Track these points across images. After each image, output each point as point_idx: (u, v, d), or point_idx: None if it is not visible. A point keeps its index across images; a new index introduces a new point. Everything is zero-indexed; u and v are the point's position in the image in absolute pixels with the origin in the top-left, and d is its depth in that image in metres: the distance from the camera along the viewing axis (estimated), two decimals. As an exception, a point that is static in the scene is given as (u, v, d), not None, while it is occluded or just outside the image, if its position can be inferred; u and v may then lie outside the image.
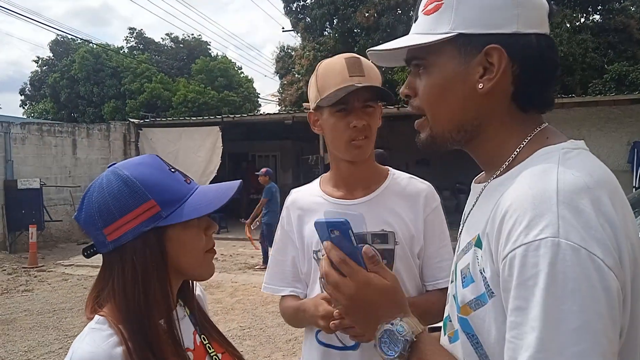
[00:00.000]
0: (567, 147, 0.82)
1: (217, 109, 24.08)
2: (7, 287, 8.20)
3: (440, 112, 0.91)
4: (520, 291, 0.69)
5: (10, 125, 12.08)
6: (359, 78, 1.40)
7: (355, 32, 19.76)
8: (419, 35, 0.90)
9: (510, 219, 0.74)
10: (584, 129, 11.10)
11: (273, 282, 1.60)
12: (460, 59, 0.87)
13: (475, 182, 0.98)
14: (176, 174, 1.06)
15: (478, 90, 0.86)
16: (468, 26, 0.85)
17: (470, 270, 0.84)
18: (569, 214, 0.70)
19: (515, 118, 0.89)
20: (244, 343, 5.32)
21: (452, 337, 0.91)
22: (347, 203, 1.50)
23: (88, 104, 27.18)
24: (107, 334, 0.95)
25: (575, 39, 16.34)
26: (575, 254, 0.67)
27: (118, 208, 0.98)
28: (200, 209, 1.01)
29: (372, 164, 1.55)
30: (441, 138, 0.92)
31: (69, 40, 28.85)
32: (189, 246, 1.03)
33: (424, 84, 0.91)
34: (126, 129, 15.47)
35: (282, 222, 1.61)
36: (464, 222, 0.96)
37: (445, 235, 1.54)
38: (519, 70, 0.85)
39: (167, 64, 29.98)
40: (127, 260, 0.98)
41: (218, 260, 10.12)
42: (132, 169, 1.02)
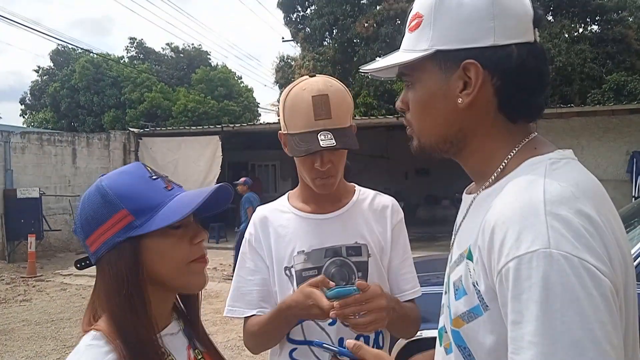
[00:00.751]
0: (554, 158, 0.83)
1: (217, 119, 24.11)
2: (5, 297, 8.17)
3: (424, 125, 0.93)
4: (515, 305, 0.69)
5: (10, 134, 12.09)
6: (324, 122, 1.36)
7: (355, 42, 19.84)
8: (403, 52, 0.92)
9: (499, 232, 0.74)
10: (583, 139, 11.12)
11: (238, 304, 1.51)
12: (441, 75, 0.88)
13: (466, 192, 0.99)
14: (157, 181, 1.01)
15: (458, 104, 0.86)
16: (445, 42, 0.86)
17: (462, 282, 0.84)
18: (557, 224, 0.70)
19: (502, 129, 0.89)
20: (242, 354, 5.30)
21: (447, 349, 0.91)
22: (319, 217, 1.50)
23: (88, 113, 27.21)
24: (105, 351, 0.91)
25: (574, 49, 16.43)
26: (568, 264, 0.67)
27: (94, 219, 0.96)
28: (171, 216, 0.96)
29: (341, 181, 1.54)
30: (429, 148, 0.94)
31: (70, 50, 28.92)
32: (167, 255, 0.98)
33: (411, 99, 0.93)
34: (126, 138, 15.49)
35: (249, 239, 1.54)
36: (455, 233, 0.96)
37: (407, 248, 1.56)
38: (499, 82, 0.85)
39: (167, 73, 30.05)
40: (105, 271, 0.96)
41: (217, 270, 10.10)
42: (111, 179, 0.99)
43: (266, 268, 1.51)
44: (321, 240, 1.46)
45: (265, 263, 1.51)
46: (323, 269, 1.44)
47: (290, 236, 1.49)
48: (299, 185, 1.57)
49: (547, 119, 11.37)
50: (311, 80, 1.44)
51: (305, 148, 1.35)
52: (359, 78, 18.59)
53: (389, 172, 18.72)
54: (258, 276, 1.51)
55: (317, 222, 1.49)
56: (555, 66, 15.69)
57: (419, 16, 0.90)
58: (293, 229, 1.50)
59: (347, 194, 1.56)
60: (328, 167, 1.41)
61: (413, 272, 1.54)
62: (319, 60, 19.31)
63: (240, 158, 18.65)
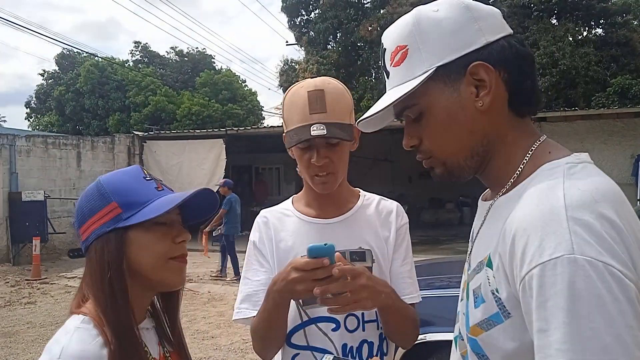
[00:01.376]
0: (571, 162, 0.82)
1: (221, 122, 24.15)
2: (10, 300, 8.19)
3: (450, 145, 0.91)
4: (541, 313, 0.68)
5: (15, 137, 12.14)
6: (319, 115, 1.36)
7: (359, 45, 19.87)
8: (398, 87, 0.91)
9: (521, 239, 0.74)
10: (588, 142, 11.09)
11: (244, 305, 1.48)
12: (449, 89, 0.88)
13: (482, 199, 0.98)
14: (150, 182, 1.09)
15: (479, 109, 0.86)
16: (442, 57, 0.87)
17: (482, 290, 0.83)
18: (580, 229, 0.69)
19: (515, 127, 0.89)
20: (246, 356, 5.29)
21: (464, 356, 0.90)
22: (323, 222, 1.49)
23: (93, 116, 27.31)
24: (94, 334, 0.97)
25: (578, 53, 16.40)
26: (593, 269, 0.66)
27: (88, 210, 1.05)
28: (154, 210, 1.03)
29: (344, 185, 1.53)
30: (458, 170, 0.93)
31: (75, 54, 29.05)
32: (149, 249, 1.05)
33: (426, 127, 0.91)
34: (130, 141, 15.53)
35: (253, 242, 1.55)
36: (472, 241, 0.96)
37: (409, 253, 1.54)
38: (506, 74, 0.86)
39: (171, 77, 30.14)
40: (92, 259, 1.04)
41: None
42: (109, 176, 1.09)
43: (271, 271, 1.50)
44: None
45: (270, 265, 1.51)
46: None
47: (294, 240, 1.48)
48: (303, 189, 1.57)
49: (551, 122, 11.35)
50: (310, 79, 1.47)
51: (296, 139, 1.37)
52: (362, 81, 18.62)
53: (392, 176, 18.71)
54: (264, 277, 1.49)
55: (320, 227, 1.48)
56: (560, 69, 15.67)
57: (402, 47, 0.90)
58: (296, 233, 1.49)
59: (352, 199, 1.55)
60: (324, 161, 1.39)
61: (413, 277, 1.51)
62: (322, 64, 19.33)
63: (244, 161, 18.67)
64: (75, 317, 1.01)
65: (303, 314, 1.40)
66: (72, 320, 1.01)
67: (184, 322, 6.69)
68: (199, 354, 5.44)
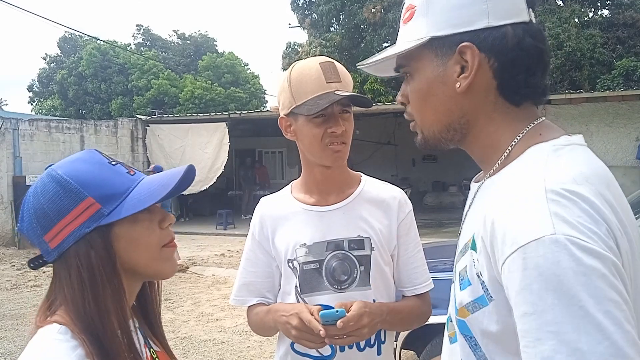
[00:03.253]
0: (558, 144, 0.81)
1: (224, 106, 24.11)
2: (16, 283, 8.27)
3: (426, 115, 0.92)
4: (526, 296, 0.67)
5: (18, 121, 12.16)
6: (336, 84, 1.37)
7: (362, 28, 19.70)
8: (399, 44, 0.92)
9: (501, 222, 0.73)
10: (592, 125, 11.03)
11: (242, 294, 1.54)
12: (437, 62, 0.88)
13: (474, 181, 0.98)
14: (117, 167, 0.97)
15: (456, 89, 0.86)
16: (439, 29, 0.86)
17: (467, 272, 0.83)
18: (560, 210, 0.69)
19: (505, 114, 0.88)
20: (250, 339, 5.35)
21: (452, 338, 0.91)
22: (321, 209, 1.48)
23: (96, 100, 27.29)
24: (73, 345, 0.86)
25: (584, 34, 16.22)
26: (576, 248, 0.65)
27: (55, 211, 0.90)
28: (144, 200, 0.93)
29: (345, 169, 1.52)
30: (433, 139, 0.94)
31: (77, 37, 28.95)
32: (141, 242, 0.95)
33: (410, 90, 0.93)
34: (133, 125, 15.53)
35: (253, 231, 1.55)
36: (462, 223, 0.96)
37: (418, 241, 1.54)
38: (497, 63, 0.84)
39: (174, 60, 30.02)
40: (72, 265, 0.90)
41: (225, 257, 10.16)
42: (66, 167, 0.94)
43: (270, 260, 1.52)
44: (323, 233, 1.44)
45: (269, 255, 1.52)
46: (324, 262, 1.43)
47: (293, 228, 1.48)
48: (302, 175, 1.55)
49: (556, 104, 11.28)
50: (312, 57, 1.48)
51: (325, 101, 1.35)
52: (366, 64, 18.46)
53: (396, 159, 18.69)
54: (260, 268, 1.53)
55: (319, 215, 1.47)
56: (565, 51, 15.52)
57: (411, 7, 0.90)
58: (295, 221, 1.48)
59: (352, 184, 1.53)
60: (342, 130, 1.39)
61: (424, 265, 1.52)
62: (325, 47, 19.19)
63: (247, 145, 18.67)
64: (47, 328, 0.89)
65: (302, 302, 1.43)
66: (45, 331, 0.89)
67: (188, 305, 6.76)
68: (203, 336, 5.50)
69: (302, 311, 1.29)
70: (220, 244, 11.64)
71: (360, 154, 3.14)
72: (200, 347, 5.19)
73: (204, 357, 4.90)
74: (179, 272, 8.67)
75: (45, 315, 0.93)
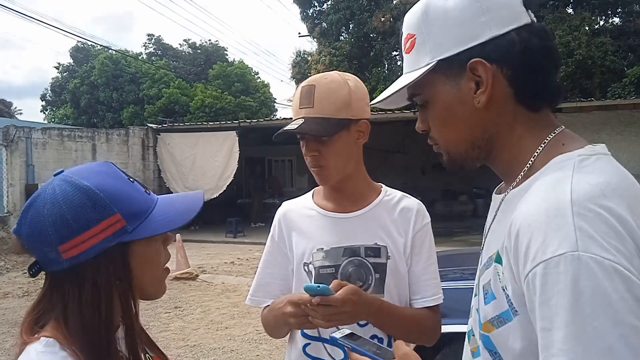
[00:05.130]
0: (583, 154, 0.79)
1: (234, 114, 24.22)
2: (28, 290, 8.32)
3: (449, 137, 0.92)
4: (544, 311, 0.67)
5: (31, 130, 12.30)
6: (305, 110, 1.41)
7: (372, 36, 19.76)
8: (407, 74, 0.92)
9: (525, 234, 0.72)
10: (604, 133, 10.95)
11: (258, 294, 1.57)
12: (450, 83, 0.87)
13: (496, 193, 0.96)
14: (135, 184, 0.97)
15: (477, 106, 0.85)
16: (444, 50, 0.86)
17: (492, 286, 0.82)
18: (585, 225, 0.66)
19: (525, 122, 0.87)
20: (260, 347, 5.33)
21: (474, 352, 0.90)
22: (340, 216, 1.50)
23: (107, 109, 27.54)
24: (62, 356, 0.85)
25: (595, 42, 16.15)
26: (598, 267, 0.64)
27: (79, 223, 0.87)
28: (171, 222, 0.95)
29: (362, 180, 1.54)
30: (459, 159, 0.93)
31: (89, 47, 29.27)
32: (152, 262, 0.97)
33: (430, 116, 0.93)
34: (144, 134, 15.65)
35: (272, 233, 1.58)
36: (485, 236, 0.94)
37: (432, 253, 1.53)
38: (510, 71, 0.84)
39: (184, 69, 30.24)
40: (87, 279, 0.89)
41: (234, 264, 10.17)
42: (92, 178, 0.91)
43: (287, 262, 1.54)
44: (340, 239, 1.46)
45: (286, 257, 1.54)
46: (340, 267, 1.44)
47: (311, 233, 1.50)
48: None
49: (567, 113, 11.22)
50: (319, 74, 1.51)
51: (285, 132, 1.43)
52: (375, 73, 18.53)
53: (405, 167, 18.64)
54: (277, 270, 1.56)
55: (337, 221, 1.49)
56: (575, 59, 15.46)
57: (411, 36, 0.90)
58: (314, 226, 1.51)
59: (372, 194, 1.54)
60: (313, 154, 1.43)
61: (437, 278, 1.51)
62: (335, 55, 19.27)
63: (257, 153, 18.73)
64: (34, 344, 0.87)
65: None
66: (33, 346, 0.87)
67: (198, 313, 6.75)
68: (213, 344, 5.49)
69: (291, 296, 1.34)
70: (229, 252, 11.65)
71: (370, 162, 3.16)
72: (210, 355, 5.18)
73: (214, 366, 4.90)
74: (189, 280, 8.69)
75: (32, 330, 0.90)
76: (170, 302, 7.12)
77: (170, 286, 8.42)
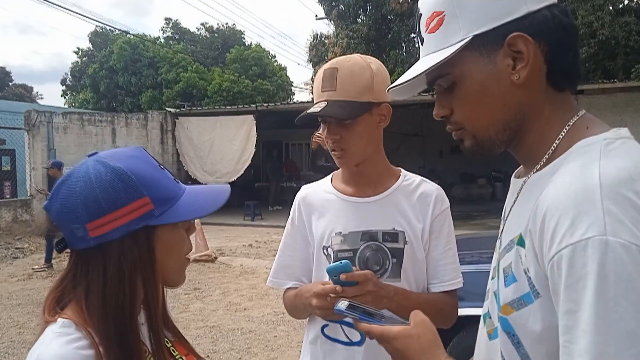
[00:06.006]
0: (609, 138, 0.78)
1: (251, 98, 24.24)
2: (51, 272, 8.52)
3: (481, 118, 0.88)
4: (570, 294, 0.67)
5: (52, 114, 12.47)
6: (328, 93, 1.40)
7: (389, 18, 19.51)
8: (432, 54, 0.88)
9: (552, 218, 0.72)
10: (627, 115, 10.74)
11: (279, 276, 1.60)
12: (484, 60, 0.84)
13: (515, 176, 0.95)
14: (165, 172, 0.99)
15: (515, 82, 0.83)
16: (480, 25, 0.83)
17: (512, 269, 0.82)
18: (615, 209, 0.66)
19: (552, 102, 0.86)
20: (277, 328, 5.40)
21: (491, 334, 0.90)
22: (358, 200, 1.51)
23: (126, 93, 27.76)
24: (75, 337, 0.87)
25: (618, 22, 15.74)
26: (625, 252, 0.64)
27: (109, 202, 0.89)
28: (197, 210, 0.98)
29: (381, 164, 1.54)
30: (488, 142, 0.90)
31: (108, 32, 29.45)
32: (176, 248, 0.99)
33: (458, 97, 0.89)
34: (163, 118, 15.77)
35: (292, 217, 1.60)
36: (504, 219, 0.94)
37: (451, 238, 1.52)
38: (546, 47, 0.82)
39: (202, 53, 30.28)
40: (112, 258, 0.91)
41: (252, 247, 10.27)
42: (125, 161, 0.94)
43: (307, 245, 1.56)
44: (358, 224, 1.47)
45: (306, 240, 1.56)
46: (358, 251, 1.45)
47: (330, 217, 1.51)
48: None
49: (589, 95, 11.01)
50: (340, 57, 1.49)
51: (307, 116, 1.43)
52: (393, 55, 18.33)
53: (423, 151, 18.53)
54: (298, 253, 1.58)
55: (356, 205, 1.50)
56: (598, 40, 15.10)
57: (438, 14, 0.87)
58: (333, 209, 1.52)
59: (391, 178, 1.54)
60: (334, 138, 1.43)
61: (455, 263, 1.51)
62: (352, 38, 19.08)
63: (274, 137, 18.76)
64: (52, 325, 0.89)
65: None
66: (51, 327, 0.89)
67: (217, 295, 6.84)
68: (232, 325, 5.58)
69: (316, 287, 1.32)
70: (248, 235, 11.76)
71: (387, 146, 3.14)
72: (229, 335, 5.27)
73: (233, 346, 4.98)
74: (208, 262, 8.81)
75: (53, 310, 0.92)
76: (189, 284, 7.22)
77: (189, 268, 8.48)
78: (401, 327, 0.92)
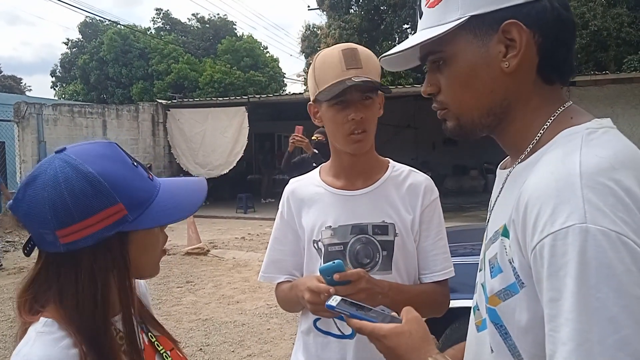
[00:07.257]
0: (591, 127, 0.78)
1: (243, 89, 24.14)
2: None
3: (466, 100, 0.87)
4: (552, 282, 0.67)
5: (42, 106, 12.35)
6: (355, 70, 1.37)
7: (382, 9, 19.47)
8: (428, 29, 0.87)
9: (534, 207, 0.72)
10: (618, 107, 10.78)
11: (270, 271, 1.59)
12: (477, 42, 0.84)
13: (500, 168, 0.96)
14: (139, 169, 0.94)
15: (504, 69, 0.82)
16: (478, 7, 0.82)
17: (498, 260, 0.82)
18: (594, 198, 0.67)
19: (540, 94, 0.85)
20: (270, 321, 5.41)
21: (479, 326, 0.90)
22: (348, 193, 1.50)
23: (117, 85, 27.56)
24: (59, 336, 0.85)
25: (610, 13, 15.79)
26: (605, 239, 0.64)
27: (80, 210, 0.85)
28: (173, 213, 0.94)
29: (373, 155, 1.53)
30: (470, 125, 0.89)
31: (98, 22, 29.16)
32: (150, 249, 0.97)
33: (447, 76, 0.88)
34: (154, 109, 15.66)
35: (281, 211, 1.59)
36: (491, 210, 0.94)
37: (441, 228, 1.53)
38: (541, 38, 0.82)
39: (193, 44, 30.08)
40: (83, 265, 0.88)
41: (245, 240, 10.25)
42: (96, 163, 0.88)
43: (297, 239, 1.55)
44: (348, 217, 1.47)
45: (296, 234, 1.56)
46: (348, 245, 1.45)
47: (319, 210, 1.51)
48: (330, 159, 1.58)
49: (581, 86, 11.05)
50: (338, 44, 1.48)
51: (339, 87, 1.36)
52: (385, 46, 18.28)
53: (416, 142, 18.56)
54: (288, 247, 1.57)
55: (345, 198, 1.49)
56: (590, 31, 15.15)
57: None
58: (322, 203, 1.51)
59: (379, 170, 1.54)
60: (362, 116, 1.40)
61: (446, 253, 1.51)
62: (345, 29, 19.02)
63: (267, 129, 18.70)
64: (35, 324, 0.88)
65: None
66: (33, 326, 0.88)
67: (210, 288, 6.83)
68: (224, 318, 5.58)
69: (310, 280, 1.32)
70: (240, 228, 11.74)
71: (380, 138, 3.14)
72: (222, 328, 5.27)
73: (226, 339, 4.98)
74: (201, 255, 8.79)
75: (32, 309, 0.90)
76: (182, 277, 7.20)
77: (182, 261, 8.53)
78: (392, 325, 0.93)
